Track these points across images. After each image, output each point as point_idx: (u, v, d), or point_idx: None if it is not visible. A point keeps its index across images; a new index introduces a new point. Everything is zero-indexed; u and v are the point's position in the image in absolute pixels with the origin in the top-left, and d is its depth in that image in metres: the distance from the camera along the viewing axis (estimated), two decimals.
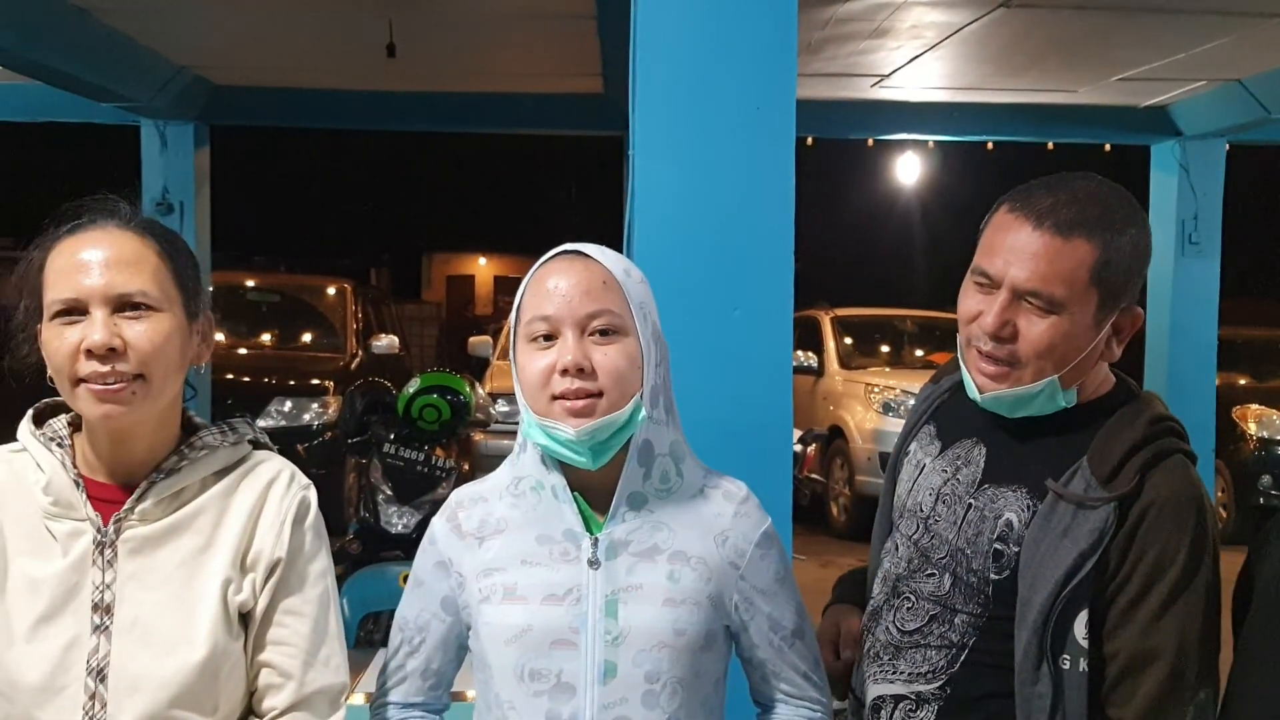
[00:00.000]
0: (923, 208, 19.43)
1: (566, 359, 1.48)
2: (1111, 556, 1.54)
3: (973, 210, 1.87)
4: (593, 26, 4.82)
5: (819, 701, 1.65)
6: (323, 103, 6.57)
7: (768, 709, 1.66)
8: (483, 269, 28.94)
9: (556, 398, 1.49)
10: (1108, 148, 7.00)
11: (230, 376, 7.74)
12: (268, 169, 19.86)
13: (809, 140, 6.63)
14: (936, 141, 9.22)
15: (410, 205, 24.76)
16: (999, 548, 1.61)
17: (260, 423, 1.60)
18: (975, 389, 1.64)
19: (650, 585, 1.52)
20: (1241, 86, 5.74)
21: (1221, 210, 6.42)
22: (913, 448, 1.80)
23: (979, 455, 1.69)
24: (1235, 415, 8.70)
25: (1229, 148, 6.46)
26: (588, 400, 1.48)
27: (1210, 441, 6.34)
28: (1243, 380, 9.61)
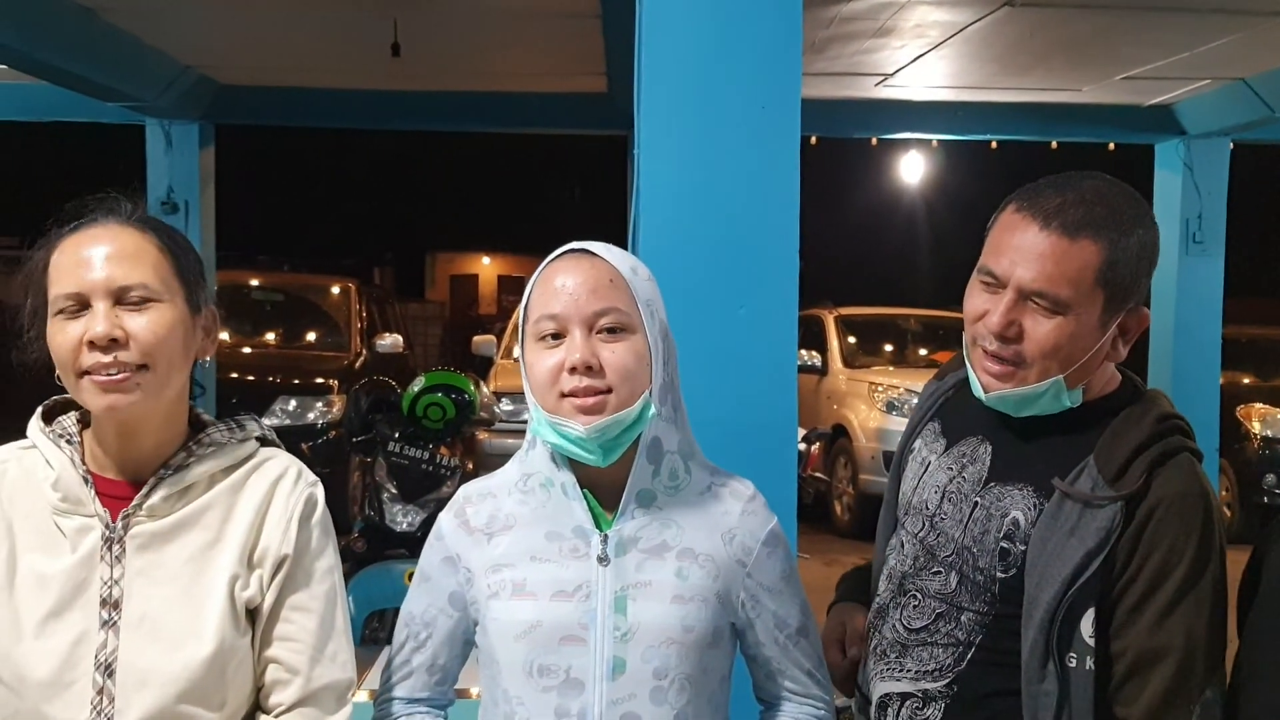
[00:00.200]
0: (926, 207, 19.44)
1: (575, 357, 1.48)
2: (1118, 555, 1.53)
3: (976, 209, 1.87)
4: (597, 26, 4.82)
5: (822, 699, 1.66)
6: (327, 102, 6.56)
7: (771, 706, 1.67)
8: (486, 268, 28.99)
9: (566, 395, 1.49)
10: (1112, 147, 6.98)
11: (235, 375, 7.74)
12: (272, 168, 19.90)
13: (813, 139, 6.61)
14: (940, 141, 9.22)
15: (414, 204, 24.80)
16: (1005, 546, 1.61)
17: (265, 422, 1.60)
18: (980, 388, 1.64)
19: (659, 582, 1.52)
20: (1246, 85, 5.73)
21: (1226, 209, 6.41)
22: (917, 444, 1.80)
23: (985, 453, 1.69)
24: (1239, 414, 8.70)
25: (1233, 147, 6.45)
26: (597, 398, 1.48)
27: (1214, 440, 6.32)
28: (1247, 379, 9.62)
